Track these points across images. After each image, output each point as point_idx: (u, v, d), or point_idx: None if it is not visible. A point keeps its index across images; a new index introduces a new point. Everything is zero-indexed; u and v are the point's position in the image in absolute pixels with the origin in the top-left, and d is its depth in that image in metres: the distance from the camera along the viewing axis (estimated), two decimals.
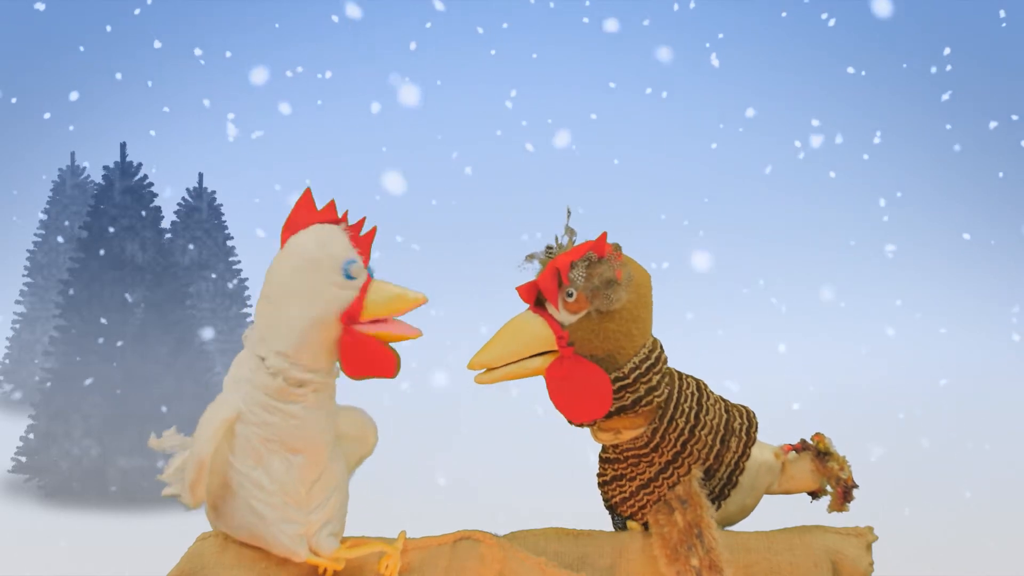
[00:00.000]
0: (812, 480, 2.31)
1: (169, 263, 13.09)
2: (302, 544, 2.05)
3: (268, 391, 1.98)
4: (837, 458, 2.30)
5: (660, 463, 2.15)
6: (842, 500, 2.30)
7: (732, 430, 2.20)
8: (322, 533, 2.07)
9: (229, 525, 2.09)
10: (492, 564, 2.12)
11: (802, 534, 2.20)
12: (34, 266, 17.41)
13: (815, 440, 2.32)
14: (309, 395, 1.99)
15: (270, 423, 1.99)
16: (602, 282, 2.06)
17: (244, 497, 2.03)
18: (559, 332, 2.08)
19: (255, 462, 2.01)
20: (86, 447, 12.19)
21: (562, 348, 2.08)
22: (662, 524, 2.13)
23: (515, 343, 2.10)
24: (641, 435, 2.14)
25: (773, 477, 2.29)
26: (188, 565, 2.12)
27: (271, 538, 2.04)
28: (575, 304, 2.07)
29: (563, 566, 2.15)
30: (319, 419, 2.02)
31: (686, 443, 2.14)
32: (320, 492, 2.06)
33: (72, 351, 12.52)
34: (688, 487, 2.13)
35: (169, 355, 12.57)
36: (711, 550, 2.08)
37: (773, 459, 2.29)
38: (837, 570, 2.16)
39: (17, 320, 17.33)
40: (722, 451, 2.18)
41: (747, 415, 2.25)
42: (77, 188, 17.71)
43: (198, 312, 14.26)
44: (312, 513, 2.05)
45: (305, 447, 2.01)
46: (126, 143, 13.24)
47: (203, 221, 15.29)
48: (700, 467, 2.16)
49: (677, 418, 2.14)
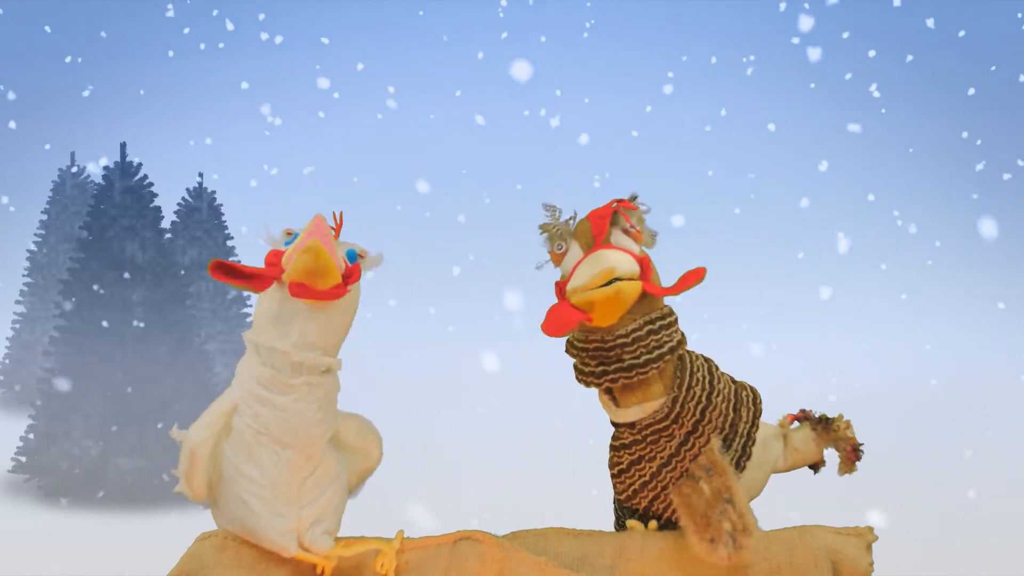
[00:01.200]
0: (815, 449, 2.36)
1: (169, 263, 13.08)
2: (291, 539, 2.06)
3: (261, 380, 2.00)
4: (839, 420, 2.36)
5: (680, 435, 2.17)
6: (852, 460, 2.33)
7: (741, 399, 2.25)
8: (315, 531, 2.07)
9: (224, 517, 2.10)
10: (492, 564, 2.12)
11: (802, 534, 2.20)
12: (34, 266, 17.41)
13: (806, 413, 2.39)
14: (301, 387, 2.00)
15: (260, 415, 2.01)
16: (644, 222, 2.20)
17: (236, 489, 2.05)
18: (639, 257, 2.15)
19: (246, 456, 2.03)
20: (86, 447, 12.19)
21: (647, 269, 2.14)
22: (687, 495, 2.15)
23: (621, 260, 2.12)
24: (661, 407, 2.17)
25: (779, 450, 2.33)
26: (188, 565, 2.12)
27: (260, 532, 2.05)
28: (636, 235, 2.16)
29: (563, 566, 2.15)
30: (309, 413, 2.02)
31: (704, 410, 2.18)
32: (312, 488, 2.06)
33: (72, 351, 12.51)
34: (711, 455, 2.16)
35: (169, 355, 12.57)
36: (743, 514, 2.09)
37: (778, 429, 2.35)
38: (837, 570, 2.16)
39: (17, 320, 17.33)
40: (735, 420, 2.22)
41: (751, 388, 2.31)
42: (77, 188, 17.71)
43: (198, 312, 14.26)
44: (303, 509, 2.06)
45: (294, 442, 2.02)
46: (126, 143, 13.24)
47: (203, 221, 15.29)
48: (718, 436, 2.19)
49: (693, 386, 2.18)
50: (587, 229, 2.14)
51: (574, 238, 2.16)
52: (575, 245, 2.16)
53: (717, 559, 2.08)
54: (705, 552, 2.08)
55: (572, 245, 2.16)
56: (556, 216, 2.19)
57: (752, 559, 2.12)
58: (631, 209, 2.16)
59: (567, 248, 2.17)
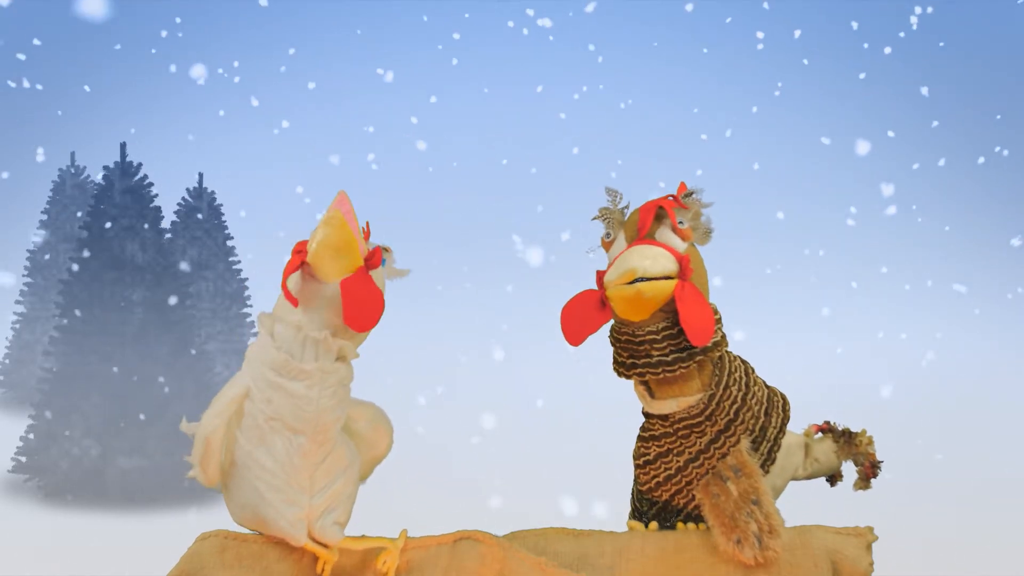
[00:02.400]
0: (836, 461, 2.39)
1: (169, 263, 13.08)
2: (301, 528, 2.05)
3: (274, 365, 1.98)
4: (862, 435, 2.38)
5: (712, 433, 2.17)
6: (869, 476, 2.35)
7: (773, 404, 2.26)
8: (326, 520, 2.06)
9: (236, 503, 2.09)
10: (492, 564, 2.12)
11: (802, 534, 2.20)
12: (34, 266, 17.41)
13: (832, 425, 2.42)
14: (315, 374, 1.98)
15: (273, 400, 1.99)
16: (700, 217, 2.15)
17: (248, 476, 2.03)
18: (679, 255, 2.12)
19: (258, 441, 2.01)
20: (86, 447, 12.19)
21: (686, 269, 2.11)
22: (715, 495, 2.15)
23: (647, 260, 2.10)
24: (697, 402, 2.17)
25: (800, 459, 2.34)
26: (188, 565, 2.12)
27: (270, 520, 2.04)
28: (685, 232, 2.13)
29: (563, 566, 2.15)
30: (322, 400, 2.00)
31: (739, 411, 2.18)
32: (323, 476, 2.05)
33: (72, 351, 12.51)
34: (739, 456, 2.16)
35: (169, 355, 12.57)
36: (770, 516, 2.10)
37: (802, 438, 2.37)
38: (837, 570, 2.16)
39: (17, 320, 17.33)
40: (766, 423, 2.23)
41: (782, 395, 2.32)
42: (77, 188, 17.71)
43: (198, 312, 14.26)
44: (315, 497, 2.05)
45: (306, 428, 2.00)
46: (126, 143, 13.24)
47: (203, 221, 15.29)
48: (748, 438, 2.19)
49: (731, 385, 2.18)
50: (634, 222, 2.14)
51: (623, 228, 2.16)
52: (621, 236, 2.16)
53: (744, 560, 2.09)
54: (732, 553, 2.10)
55: (619, 235, 2.16)
56: (616, 202, 2.18)
57: (773, 558, 2.11)
58: (683, 208, 2.14)
59: (615, 237, 2.17)
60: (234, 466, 2.05)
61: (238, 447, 2.03)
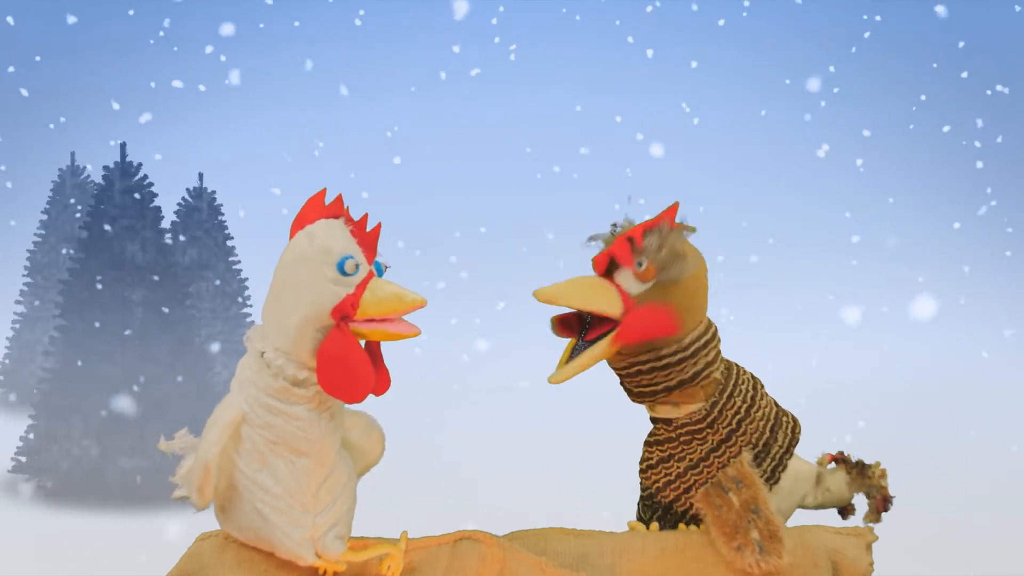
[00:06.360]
0: (847, 492, 2.37)
1: (169, 263, 13.09)
2: (308, 548, 2.03)
3: (271, 392, 1.94)
4: (875, 467, 2.38)
5: (713, 441, 2.18)
6: (880, 510, 2.36)
7: (780, 424, 2.26)
8: (328, 536, 2.04)
9: (236, 526, 2.07)
10: (492, 564, 2.12)
11: (802, 534, 2.20)
12: (34, 266, 17.41)
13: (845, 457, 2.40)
14: (313, 396, 1.95)
15: (273, 425, 1.95)
16: (672, 253, 2.10)
17: (250, 500, 2.00)
18: (627, 300, 2.10)
19: (260, 464, 1.98)
20: (86, 447, 12.19)
21: (628, 317, 2.10)
22: (718, 505, 2.15)
23: (583, 292, 2.10)
24: (699, 409, 2.19)
25: (810, 488, 2.34)
26: (188, 565, 2.11)
27: (277, 542, 2.02)
28: (645, 273, 2.10)
29: (563, 566, 2.14)
30: (323, 421, 1.98)
31: (741, 421, 2.19)
32: (327, 495, 2.03)
33: (72, 351, 12.52)
34: (740, 468, 2.17)
35: (169, 355, 12.57)
36: (770, 522, 2.10)
37: (815, 467, 2.36)
38: (837, 570, 2.16)
39: (17, 320, 17.33)
40: (770, 440, 2.23)
41: (793, 417, 2.31)
42: (77, 188, 17.71)
43: (198, 312, 14.26)
44: (319, 516, 2.03)
45: (310, 449, 1.97)
46: (126, 143, 13.24)
47: (203, 221, 15.29)
48: (750, 451, 2.19)
49: (735, 395, 2.20)
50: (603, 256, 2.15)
51: None
52: None
53: (746, 567, 2.09)
54: (734, 560, 2.10)
55: None
56: (614, 232, 2.17)
57: (778, 564, 2.11)
58: (637, 245, 2.10)
59: None
60: (232, 489, 2.02)
61: (237, 471, 2.00)
